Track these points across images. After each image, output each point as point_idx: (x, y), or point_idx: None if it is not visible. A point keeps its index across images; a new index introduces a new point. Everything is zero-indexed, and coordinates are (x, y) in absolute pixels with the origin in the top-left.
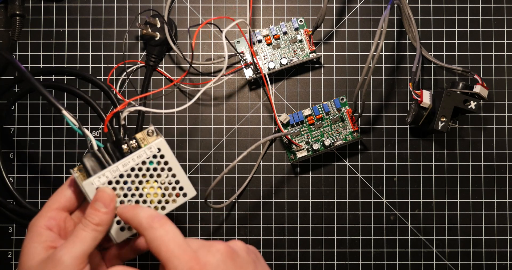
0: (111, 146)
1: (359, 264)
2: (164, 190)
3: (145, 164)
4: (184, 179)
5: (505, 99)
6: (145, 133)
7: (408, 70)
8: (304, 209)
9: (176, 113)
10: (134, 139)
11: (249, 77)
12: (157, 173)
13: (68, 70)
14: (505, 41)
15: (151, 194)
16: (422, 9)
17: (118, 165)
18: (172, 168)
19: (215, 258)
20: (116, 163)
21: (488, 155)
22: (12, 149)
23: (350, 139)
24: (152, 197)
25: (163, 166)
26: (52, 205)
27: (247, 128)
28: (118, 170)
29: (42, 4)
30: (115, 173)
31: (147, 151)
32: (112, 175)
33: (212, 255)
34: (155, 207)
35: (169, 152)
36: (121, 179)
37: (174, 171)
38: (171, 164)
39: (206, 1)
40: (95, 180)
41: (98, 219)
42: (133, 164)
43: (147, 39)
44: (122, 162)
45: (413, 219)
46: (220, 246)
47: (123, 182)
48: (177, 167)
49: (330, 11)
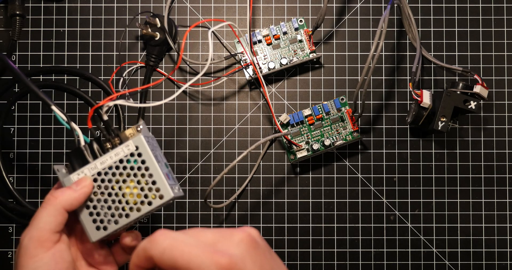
0: (96, 143)
1: (359, 264)
2: (140, 190)
3: (122, 162)
4: (161, 180)
5: (505, 99)
6: (135, 129)
7: (408, 70)
8: (304, 209)
9: (176, 113)
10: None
11: (249, 77)
12: (134, 172)
13: (68, 69)
14: (505, 41)
15: (127, 194)
16: (422, 9)
17: (97, 163)
18: (148, 167)
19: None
20: (95, 160)
21: (488, 155)
22: (12, 149)
23: (350, 139)
24: (128, 197)
25: (140, 164)
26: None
27: (247, 128)
28: (96, 167)
29: (42, 4)
30: (93, 170)
31: (125, 148)
32: (90, 172)
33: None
34: (130, 208)
35: (146, 150)
36: (98, 177)
37: (151, 171)
38: (148, 163)
39: (206, 1)
40: (74, 177)
41: (60, 194)
42: (111, 162)
43: (147, 39)
44: (100, 159)
45: (413, 219)
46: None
47: (100, 180)
48: (154, 166)
49: (330, 11)
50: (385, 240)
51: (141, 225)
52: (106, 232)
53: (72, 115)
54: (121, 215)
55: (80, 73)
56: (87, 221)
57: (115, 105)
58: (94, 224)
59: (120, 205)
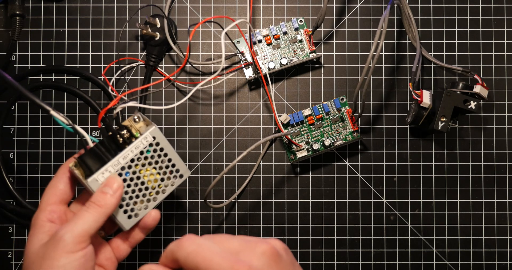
0: (107, 140)
1: (359, 264)
2: (163, 174)
3: (142, 153)
4: (179, 162)
5: (505, 99)
6: (131, 120)
7: (408, 70)
8: (304, 209)
9: (176, 113)
10: (125, 129)
11: (249, 77)
12: (155, 160)
13: (66, 68)
14: (505, 41)
15: (152, 180)
16: (422, 9)
17: (119, 159)
18: (167, 153)
19: (261, 261)
20: (117, 156)
21: (488, 155)
22: (12, 149)
23: (350, 139)
24: (152, 183)
25: (159, 152)
26: (50, 199)
27: (247, 128)
28: (119, 163)
29: (42, 4)
30: (116, 166)
31: (143, 141)
32: (114, 169)
33: (257, 258)
34: (156, 192)
35: (163, 138)
36: (123, 172)
37: (170, 155)
38: (166, 149)
39: (206, 1)
40: (99, 176)
41: (103, 201)
42: (132, 155)
43: (147, 39)
44: (122, 155)
45: (413, 219)
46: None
47: (125, 174)
48: (171, 151)
49: (330, 11)
50: (385, 240)
51: None
52: (138, 218)
53: (72, 115)
54: (149, 200)
55: (79, 73)
56: (119, 213)
57: None
58: (125, 215)
59: (147, 192)
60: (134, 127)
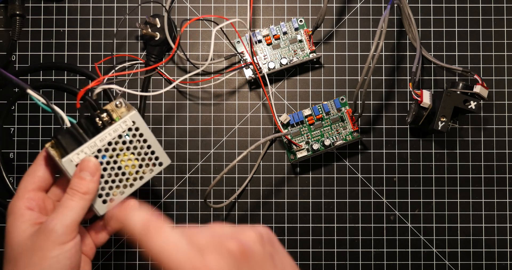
0: (85, 121)
1: (359, 264)
2: (141, 161)
3: (121, 137)
4: (159, 149)
5: (505, 99)
6: (113, 105)
7: (408, 70)
8: (304, 209)
9: (176, 113)
10: (105, 112)
11: (249, 77)
12: (133, 145)
13: (60, 65)
14: (505, 41)
15: (129, 166)
16: (422, 9)
17: (96, 141)
18: (147, 139)
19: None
20: (93, 138)
21: (488, 155)
22: (12, 149)
23: (350, 139)
24: (130, 169)
25: (138, 138)
26: (28, 187)
27: (247, 128)
28: (96, 145)
29: (42, 4)
30: (93, 148)
31: (122, 124)
32: (90, 150)
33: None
34: (133, 178)
35: (143, 124)
36: (99, 154)
37: (149, 142)
38: (145, 135)
39: (206, 1)
40: (74, 157)
41: (85, 188)
42: (110, 138)
43: (147, 39)
44: (99, 137)
45: (413, 219)
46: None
47: (101, 157)
48: (151, 138)
49: (330, 11)
50: (385, 240)
51: None
52: (113, 204)
53: (72, 115)
54: (125, 186)
55: (69, 67)
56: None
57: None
58: (100, 199)
59: (124, 177)
60: (116, 112)
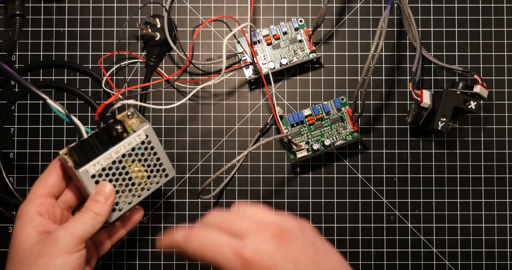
0: (101, 134)
1: (359, 264)
2: (150, 172)
3: (134, 150)
4: (167, 161)
5: (505, 99)
6: (125, 116)
7: (408, 70)
8: (304, 209)
9: (176, 113)
10: (120, 123)
11: (249, 77)
12: (144, 157)
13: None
14: (505, 41)
15: (139, 177)
16: (422, 9)
17: (112, 153)
18: (157, 152)
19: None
20: (109, 150)
21: (488, 155)
22: (12, 149)
23: (350, 139)
24: (139, 180)
25: (150, 150)
26: (39, 192)
27: (247, 128)
28: (111, 157)
29: (42, 4)
30: (108, 160)
31: (137, 138)
32: (105, 162)
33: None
34: (141, 189)
35: (155, 137)
36: (113, 165)
37: (159, 155)
38: (156, 148)
39: (206, 1)
40: (90, 168)
41: (98, 209)
42: (125, 150)
43: (147, 39)
44: (114, 149)
45: (413, 219)
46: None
47: (115, 168)
48: (161, 150)
49: (330, 11)
50: (385, 240)
51: (141, 225)
52: (121, 213)
53: (72, 115)
54: (134, 196)
55: (69, 66)
56: None
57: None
58: None
59: (133, 187)
60: (126, 122)
